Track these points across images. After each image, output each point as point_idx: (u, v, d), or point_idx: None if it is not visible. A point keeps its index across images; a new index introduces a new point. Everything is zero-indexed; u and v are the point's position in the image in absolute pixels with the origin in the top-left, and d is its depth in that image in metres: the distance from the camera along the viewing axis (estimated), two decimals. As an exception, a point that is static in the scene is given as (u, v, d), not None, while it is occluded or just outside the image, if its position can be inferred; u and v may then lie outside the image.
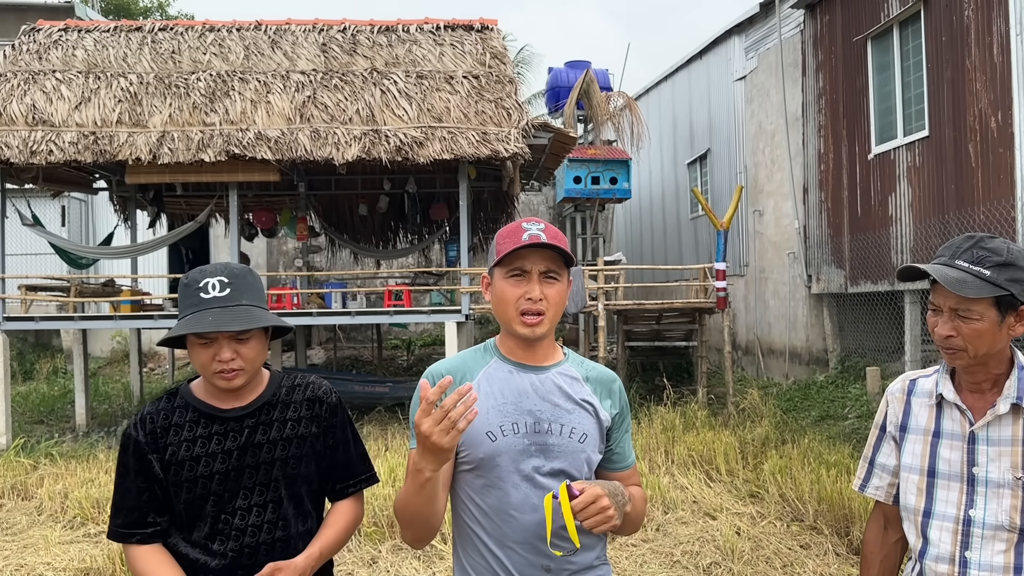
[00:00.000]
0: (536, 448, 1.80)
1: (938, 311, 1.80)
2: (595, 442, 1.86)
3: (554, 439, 1.81)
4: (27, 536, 5.72)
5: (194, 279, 1.93)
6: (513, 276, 1.81)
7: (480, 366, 1.89)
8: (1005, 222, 7.55)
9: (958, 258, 1.76)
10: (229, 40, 11.16)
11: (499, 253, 1.81)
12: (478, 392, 1.79)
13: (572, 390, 1.87)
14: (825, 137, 10.87)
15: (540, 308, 1.80)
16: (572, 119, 13.99)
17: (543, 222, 1.83)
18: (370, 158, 9.57)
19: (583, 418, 1.85)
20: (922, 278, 1.85)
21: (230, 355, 1.90)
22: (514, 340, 1.87)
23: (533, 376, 1.86)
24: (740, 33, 13.46)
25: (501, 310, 1.84)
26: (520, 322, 1.81)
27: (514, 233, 1.81)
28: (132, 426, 1.98)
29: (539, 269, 1.80)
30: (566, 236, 18.21)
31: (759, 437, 7.90)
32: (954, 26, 8.30)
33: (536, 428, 1.81)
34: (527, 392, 1.84)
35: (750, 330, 13.32)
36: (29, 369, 14.95)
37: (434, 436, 1.54)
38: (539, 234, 1.78)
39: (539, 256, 1.79)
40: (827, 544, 5.16)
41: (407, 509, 1.75)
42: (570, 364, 1.93)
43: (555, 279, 1.81)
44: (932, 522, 1.85)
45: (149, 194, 11.99)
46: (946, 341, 1.78)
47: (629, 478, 1.99)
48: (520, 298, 1.80)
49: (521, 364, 1.88)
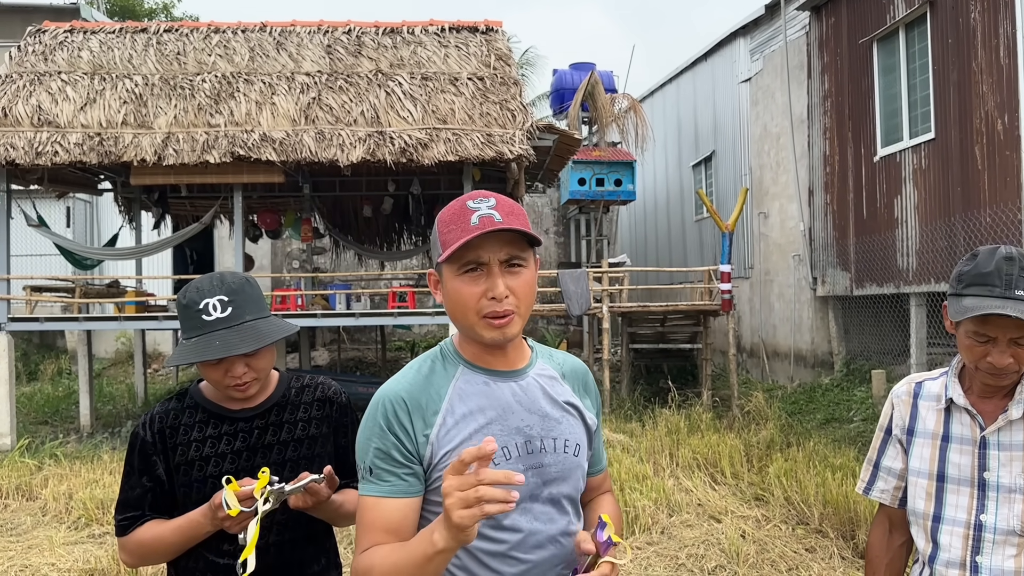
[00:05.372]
0: (532, 473, 1.50)
1: (990, 341, 1.73)
2: (586, 451, 1.60)
3: (549, 457, 1.52)
4: (31, 537, 5.73)
5: (193, 300, 1.87)
6: (467, 272, 1.45)
7: (445, 381, 1.53)
8: (1011, 225, 7.53)
9: (1018, 288, 1.69)
10: (234, 42, 11.17)
11: (444, 246, 1.44)
12: (453, 416, 1.49)
13: (555, 392, 1.58)
14: (830, 139, 10.84)
15: (507, 307, 1.45)
16: (576, 121, 13.99)
17: (493, 195, 1.49)
18: (375, 160, 9.57)
19: (572, 425, 1.57)
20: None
21: (243, 370, 1.88)
22: (480, 345, 1.53)
23: (514, 384, 1.55)
24: (745, 35, 13.44)
25: (459, 314, 1.48)
26: (486, 326, 1.46)
27: (459, 217, 1.45)
28: (140, 426, 1.97)
29: (499, 258, 1.45)
30: (570, 238, 18.27)
31: (764, 440, 7.88)
32: (960, 28, 8.28)
33: (528, 448, 1.51)
34: (511, 406, 1.52)
35: (755, 333, 13.28)
36: (34, 370, 14.98)
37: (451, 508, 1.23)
38: (491, 214, 1.43)
39: (496, 242, 1.44)
40: (832, 547, 5.14)
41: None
42: (543, 360, 1.63)
43: (520, 266, 1.47)
44: (942, 527, 1.84)
45: (154, 195, 12.02)
46: (1006, 369, 1.73)
47: (603, 483, 1.74)
48: (481, 298, 1.45)
49: (495, 371, 1.55)
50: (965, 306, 1.72)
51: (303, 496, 1.84)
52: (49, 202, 13.31)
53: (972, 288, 1.74)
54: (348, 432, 2.11)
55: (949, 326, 1.85)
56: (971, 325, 1.73)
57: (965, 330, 1.76)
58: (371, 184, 12.35)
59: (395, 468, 1.46)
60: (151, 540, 1.91)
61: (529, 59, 20.90)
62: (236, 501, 1.75)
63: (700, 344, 11.59)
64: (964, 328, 1.76)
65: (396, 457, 1.46)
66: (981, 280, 1.73)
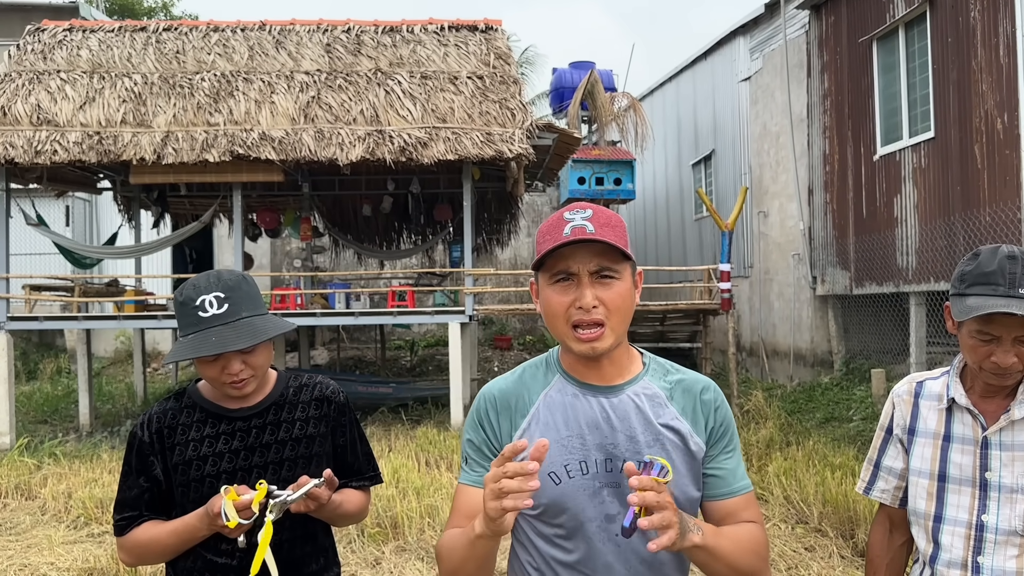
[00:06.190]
0: (610, 492, 1.50)
1: (994, 340, 1.72)
2: (685, 477, 1.53)
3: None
4: (31, 536, 5.72)
5: (189, 297, 1.88)
6: (559, 281, 1.48)
7: (540, 387, 1.58)
8: (1011, 224, 7.52)
9: (1021, 286, 1.68)
10: (233, 40, 11.16)
11: (538, 253, 1.49)
12: (538, 423, 1.54)
13: (653, 413, 1.54)
14: (830, 138, 10.84)
15: (596, 317, 1.46)
16: (576, 120, 13.97)
17: (591, 207, 1.50)
18: (374, 159, 9.56)
19: (666, 449, 1.52)
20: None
21: (239, 367, 1.88)
22: (574, 356, 1.55)
23: (603, 400, 1.54)
24: (745, 34, 13.43)
25: (552, 323, 1.52)
26: (574, 337, 1.48)
27: (555, 227, 1.48)
28: (139, 426, 1.98)
29: (588, 269, 1.46)
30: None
31: (764, 439, 7.88)
32: (960, 27, 8.27)
33: (608, 467, 1.51)
34: (596, 421, 1.53)
35: (754, 332, 13.28)
36: (33, 369, 14.98)
37: (486, 497, 1.31)
38: (584, 224, 1.45)
39: (587, 253, 1.46)
40: (832, 547, 5.14)
41: (452, 556, 1.48)
42: (650, 378, 1.60)
43: (612, 278, 1.47)
44: (944, 527, 1.83)
45: (153, 194, 12.01)
46: (1010, 368, 1.72)
47: (735, 511, 1.58)
48: (570, 307, 1.47)
49: (587, 384, 1.56)
50: (970, 305, 1.71)
51: (304, 501, 1.84)
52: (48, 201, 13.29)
53: (976, 287, 1.73)
54: (346, 431, 2.11)
55: (951, 327, 1.83)
56: (975, 325, 1.72)
57: (969, 330, 1.75)
58: (370, 183, 12.35)
59: (483, 461, 1.56)
60: (148, 542, 1.92)
61: (528, 58, 20.90)
62: (235, 513, 1.76)
63: (700, 343, 11.58)
64: (968, 328, 1.75)
65: (484, 451, 1.57)
66: (985, 279, 1.72)
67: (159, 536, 1.91)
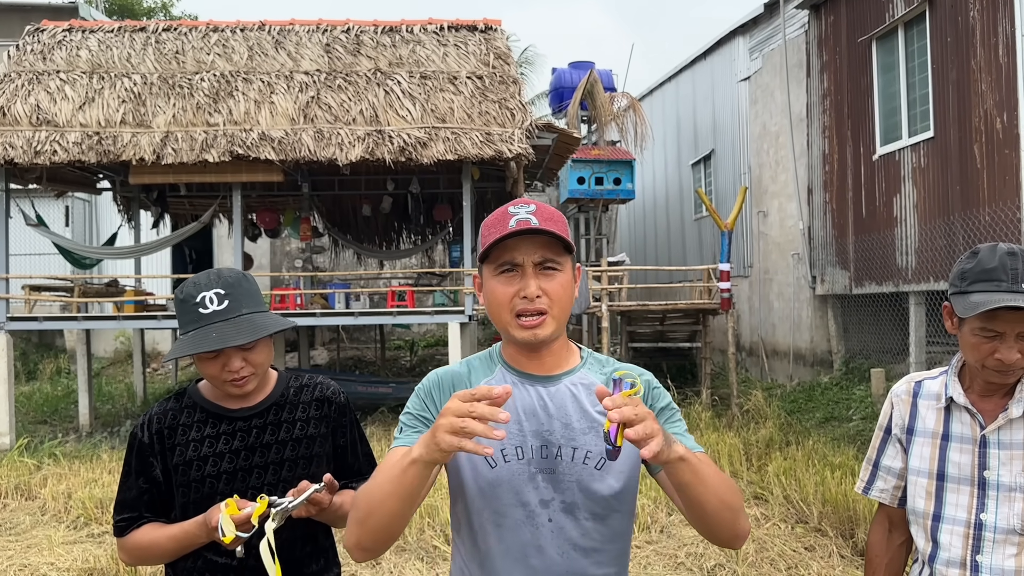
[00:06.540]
0: (544, 477, 1.54)
1: (997, 337, 1.71)
2: (618, 466, 1.55)
3: (564, 466, 1.53)
4: (31, 536, 5.73)
5: (189, 294, 1.89)
6: (503, 272, 1.53)
7: (482, 376, 1.63)
8: (1010, 223, 7.53)
9: (1023, 281, 1.68)
10: (233, 40, 11.16)
11: (483, 245, 1.53)
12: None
13: (589, 402, 1.57)
14: (830, 138, 10.84)
15: (540, 306, 1.50)
16: (576, 120, 13.97)
17: (534, 202, 1.55)
18: (374, 159, 9.57)
19: (600, 438, 1.53)
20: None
21: (239, 364, 1.89)
22: (515, 346, 1.59)
23: (541, 388, 1.58)
24: (744, 34, 13.44)
25: (495, 313, 1.55)
26: (517, 325, 1.52)
27: (499, 220, 1.52)
28: (139, 427, 1.98)
29: (533, 260, 1.51)
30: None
31: (763, 439, 7.88)
32: (959, 27, 8.28)
33: (544, 452, 1.54)
34: (533, 409, 1.56)
35: (754, 331, 13.29)
36: (33, 369, 14.98)
37: (440, 427, 1.30)
38: (528, 218, 1.50)
39: (531, 244, 1.51)
40: (831, 546, 5.14)
41: (372, 494, 1.44)
42: (587, 369, 1.64)
43: (555, 269, 1.52)
44: (942, 526, 1.84)
45: (153, 194, 12.01)
46: (1013, 365, 1.71)
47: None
48: (514, 297, 1.51)
49: (527, 375, 1.60)
50: (974, 302, 1.70)
51: (305, 506, 1.85)
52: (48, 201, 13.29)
53: (978, 284, 1.72)
54: (347, 432, 2.11)
55: (950, 326, 1.83)
56: (978, 322, 1.72)
57: (971, 327, 1.74)
58: (370, 183, 12.35)
59: (417, 426, 1.57)
60: (148, 545, 1.93)
61: (528, 58, 20.87)
62: (232, 528, 1.76)
63: (699, 343, 11.58)
64: (970, 325, 1.74)
65: (419, 422, 1.58)
66: (987, 276, 1.71)
67: (158, 540, 1.92)
